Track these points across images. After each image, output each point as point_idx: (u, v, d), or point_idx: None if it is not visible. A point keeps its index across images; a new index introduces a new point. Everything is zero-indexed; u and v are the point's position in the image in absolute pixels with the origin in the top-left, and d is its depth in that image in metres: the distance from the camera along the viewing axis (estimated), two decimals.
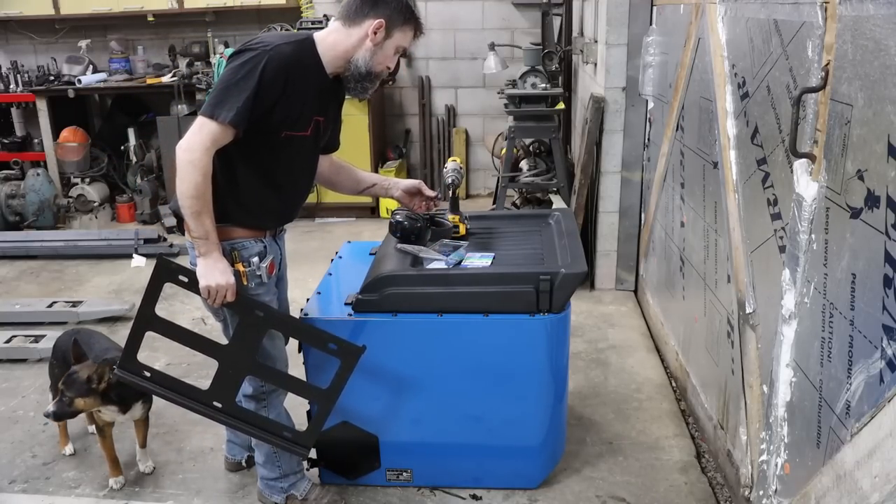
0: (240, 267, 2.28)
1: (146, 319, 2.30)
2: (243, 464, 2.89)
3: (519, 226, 3.01)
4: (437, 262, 2.59)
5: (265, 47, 2.13)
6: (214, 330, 2.83)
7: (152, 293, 2.28)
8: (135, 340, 2.32)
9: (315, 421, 2.44)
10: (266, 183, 2.30)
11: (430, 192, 2.73)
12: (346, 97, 2.48)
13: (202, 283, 2.20)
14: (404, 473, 2.72)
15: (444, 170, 2.97)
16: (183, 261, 2.43)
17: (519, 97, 4.79)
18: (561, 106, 4.97)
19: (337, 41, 2.26)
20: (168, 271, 2.26)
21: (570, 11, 5.52)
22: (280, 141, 2.24)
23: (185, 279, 2.24)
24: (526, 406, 2.58)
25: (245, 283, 2.30)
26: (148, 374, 2.36)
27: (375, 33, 2.21)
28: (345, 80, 2.31)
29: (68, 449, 3.03)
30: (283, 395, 2.54)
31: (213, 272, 2.19)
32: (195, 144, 2.10)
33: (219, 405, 2.36)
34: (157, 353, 3.94)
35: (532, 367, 2.52)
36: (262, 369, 2.39)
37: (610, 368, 3.63)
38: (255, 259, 2.31)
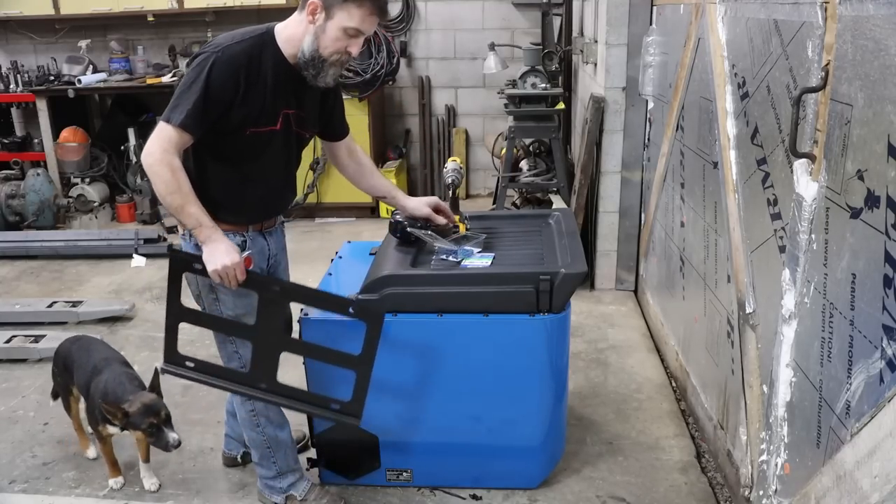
0: None
1: (177, 313, 2.31)
2: (239, 459, 2.90)
3: (519, 226, 3.01)
4: (445, 252, 2.60)
5: (214, 49, 2.16)
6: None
7: (174, 286, 2.28)
8: (171, 335, 2.33)
9: (358, 388, 2.36)
10: (238, 179, 2.32)
11: (440, 220, 2.69)
12: (349, 93, 2.49)
13: (209, 268, 2.18)
14: (404, 473, 2.72)
15: (444, 170, 2.97)
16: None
17: (519, 97, 4.79)
18: (561, 106, 4.97)
19: (291, 30, 2.25)
20: (181, 262, 2.27)
21: (570, 11, 5.52)
22: (246, 138, 2.24)
23: (199, 266, 2.23)
24: (526, 406, 2.58)
25: None
26: (192, 365, 2.36)
27: (313, 15, 2.18)
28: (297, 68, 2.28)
29: (91, 452, 3.02)
30: (278, 417, 2.56)
31: (217, 255, 2.17)
32: (153, 147, 2.14)
33: (263, 385, 2.35)
34: (158, 353, 3.93)
35: (532, 368, 2.52)
36: (293, 344, 2.42)
37: (610, 368, 3.63)
38: None
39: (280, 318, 2.37)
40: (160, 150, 2.12)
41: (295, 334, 2.55)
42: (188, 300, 2.36)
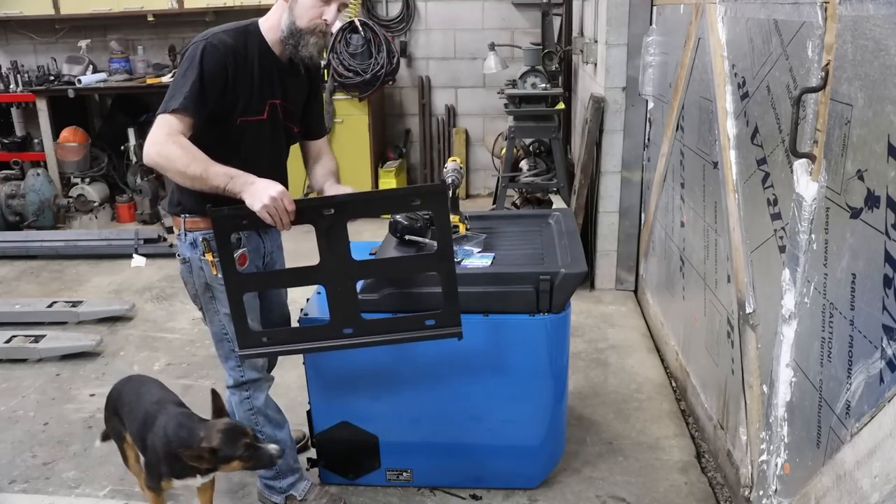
0: (209, 257, 2.30)
1: (237, 282, 2.16)
2: None
3: (519, 226, 3.01)
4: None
5: (203, 38, 2.20)
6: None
7: (226, 251, 2.13)
8: (239, 311, 2.17)
9: (446, 291, 2.21)
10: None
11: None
12: (349, 93, 2.47)
13: (257, 208, 2.07)
14: (404, 473, 2.72)
15: (444, 170, 2.97)
16: (178, 263, 2.43)
17: (519, 97, 4.79)
18: (561, 106, 4.97)
19: (272, 19, 2.29)
20: (227, 220, 2.11)
21: (570, 11, 5.52)
22: (236, 128, 2.25)
23: (244, 218, 2.11)
24: (526, 406, 2.58)
25: (215, 272, 2.30)
26: (267, 340, 2.23)
27: None
28: (284, 49, 2.29)
29: None
30: (267, 382, 2.54)
31: (259, 193, 2.08)
32: (155, 136, 2.12)
33: (350, 330, 2.23)
34: (158, 353, 3.94)
35: (532, 367, 2.52)
36: (366, 267, 2.27)
37: (610, 368, 3.63)
38: None
39: (344, 244, 2.18)
40: (163, 135, 2.11)
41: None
42: (186, 300, 2.36)
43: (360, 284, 2.49)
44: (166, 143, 2.11)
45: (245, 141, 2.29)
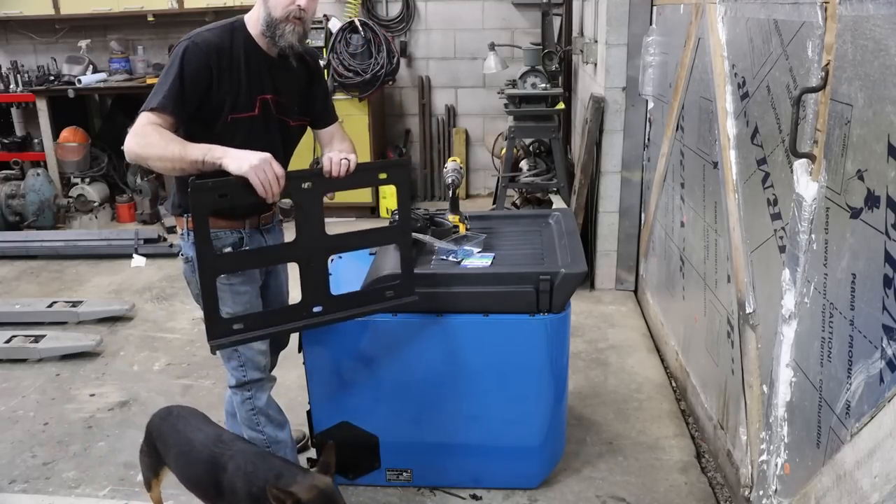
0: None
1: (211, 264, 2.04)
2: None
3: (519, 226, 3.01)
4: (445, 252, 2.60)
5: (187, 38, 2.21)
6: None
7: (202, 229, 2.00)
8: (211, 297, 2.07)
9: (404, 263, 2.34)
10: (225, 172, 2.29)
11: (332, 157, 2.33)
12: (349, 93, 2.46)
13: (245, 170, 2.01)
14: (404, 473, 2.72)
15: (444, 170, 2.97)
16: (180, 263, 2.43)
17: (519, 97, 4.79)
18: (561, 106, 4.97)
19: (254, 14, 2.29)
20: (206, 193, 1.98)
21: (570, 11, 5.52)
22: (228, 125, 2.25)
23: (225, 192, 2.00)
24: (526, 406, 2.58)
25: None
26: (240, 327, 2.15)
27: None
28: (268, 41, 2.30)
29: None
30: (270, 382, 2.53)
31: (243, 158, 2.03)
32: (134, 129, 2.12)
33: (319, 308, 2.24)
34: (158, 353, 3.94)
35: (532, 367, 2.52)
36: (334, 241, 2.24)
37: (610, 368, 3.63)
38: (228, 249, 2.32)
39: (319, 215, 2.18)
40: (140, 126, 2.12)
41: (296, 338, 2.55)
42: (186, 300, 2.35)
43: (359, 285, 2.50)
44: (143, 133, 2.11)
45: (237, 138, 2.28)
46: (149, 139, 2.10)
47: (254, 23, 2.30)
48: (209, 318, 2.08)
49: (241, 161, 2.03)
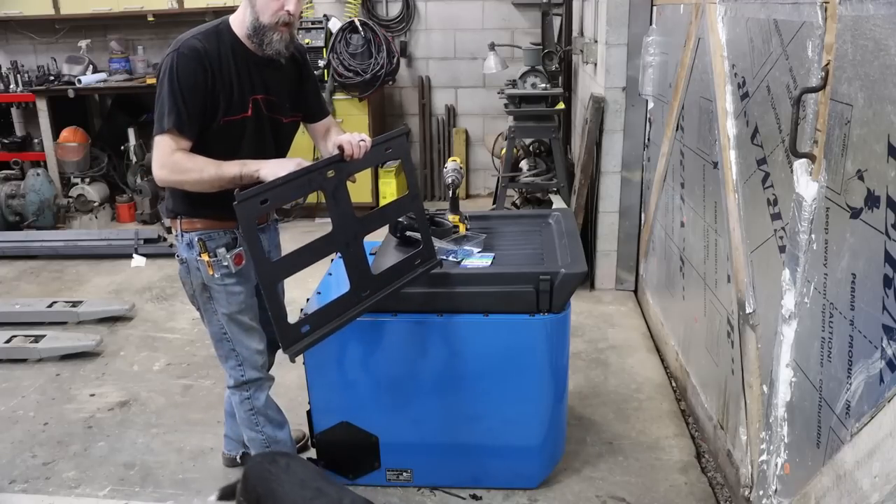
0: (205, 257, 2.31)
1: (269, 272, 2.08)
2: (238, 460, 2.89)
3: (519, 226, 3.01)
4: (445, 252, 2.60)
5: (173, 49, 2.20)
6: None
7: (252, 238, 2.02)
8: (278, 304, 2.12)
9: (421, 229, 2.48)
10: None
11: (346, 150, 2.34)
12: (349, 93, 2.47)
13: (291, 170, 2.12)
14: (404, 473, 2.72)
15: (444, 170, 2.97)
16: (177, 263, 2.44)
17: (519, 97, 4.79)
18: (561, 106, 4.97)
19: (240, 16, 2.29)
20: (251, 202, 2.00)
21: (570, 11, 5.52)
22: (222, 128, 2.25)
23: (265, 197, 2.04)
24: (526, 406, 2.58)
25: (211, 273, 2.31)
26: (307, 329, 2.14)
27: None
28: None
29: None
30: (268, 382, 2.54)
31: (281, 164, 2.14)
32: (160, 159, 2.18)
33: (368, 291, 2.28)
34: (158, 353, 3.94)
35: (532, 367, 2.52)
36: (367, 220, 2.36)
37: (610, 368, 3.63)
38: (222, 250, 2.33)
39: (348, 201, 2.25)
40: (166, 156, 2.16)
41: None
42: (186, 300, 2.36)
43: None
44: (173, 163, 2.16)
45: (234, 139, 2.29)
46: (181, 166, 2.16)
47: (239, 24, 2.28)
48: (280, 327, 2.08)
49: (279, 167, 2.12)
